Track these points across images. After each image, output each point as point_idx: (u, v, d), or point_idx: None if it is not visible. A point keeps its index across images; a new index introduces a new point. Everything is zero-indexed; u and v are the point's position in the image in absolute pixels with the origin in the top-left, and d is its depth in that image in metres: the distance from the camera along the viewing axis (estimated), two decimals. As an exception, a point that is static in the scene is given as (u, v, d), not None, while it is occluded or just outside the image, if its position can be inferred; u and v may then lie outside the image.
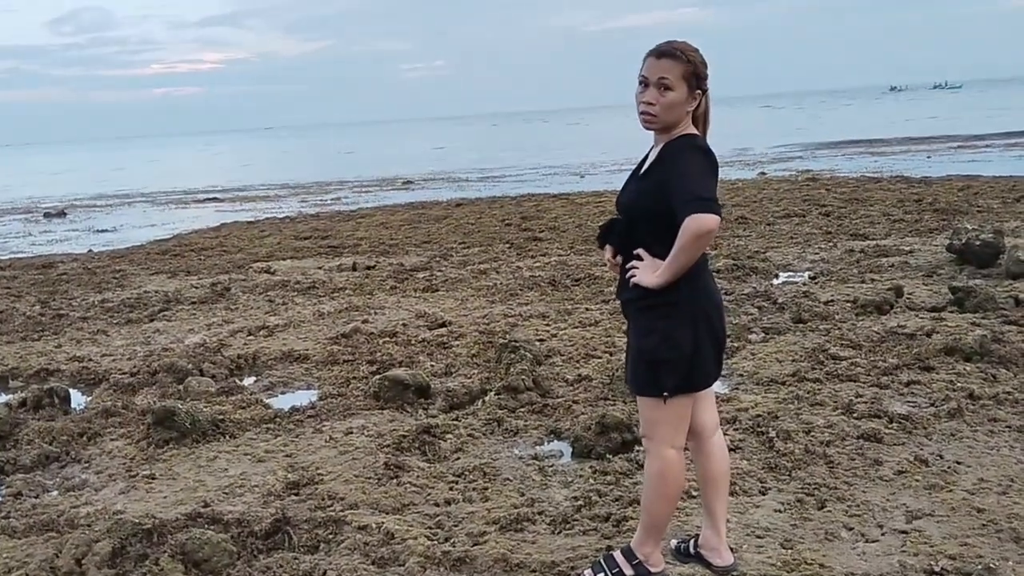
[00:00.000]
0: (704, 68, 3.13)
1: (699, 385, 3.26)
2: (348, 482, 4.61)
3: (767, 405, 5.26)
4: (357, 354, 7.12)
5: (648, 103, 3.10)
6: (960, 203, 13.69)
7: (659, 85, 3.07)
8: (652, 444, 3.30)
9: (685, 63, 3.08)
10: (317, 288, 10.17)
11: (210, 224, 19.35)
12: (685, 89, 3.08)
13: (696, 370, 3.18)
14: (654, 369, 3.15)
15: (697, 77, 3.10)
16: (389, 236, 14.50)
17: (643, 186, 3.19)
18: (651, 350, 3.14)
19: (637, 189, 3.23)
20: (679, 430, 3.27)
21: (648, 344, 3.16)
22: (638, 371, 3.23)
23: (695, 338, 3.13)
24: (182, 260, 13.28)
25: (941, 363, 5.85)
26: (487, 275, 10.31)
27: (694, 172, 3.00)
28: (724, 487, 3.49)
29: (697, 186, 2.96)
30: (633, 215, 3.20)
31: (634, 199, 3.22)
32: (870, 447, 4.57)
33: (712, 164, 3.09)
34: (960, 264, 8.98)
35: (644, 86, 3.12)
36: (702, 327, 3.16)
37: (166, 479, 4.84)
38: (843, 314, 7.33)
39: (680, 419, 3.25)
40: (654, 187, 3.10)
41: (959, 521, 3.73)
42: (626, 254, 3.25)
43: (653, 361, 3.14)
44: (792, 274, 9.47)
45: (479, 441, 5.15)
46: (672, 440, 3.26)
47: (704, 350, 3.18)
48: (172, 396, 6.33)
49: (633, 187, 3.26)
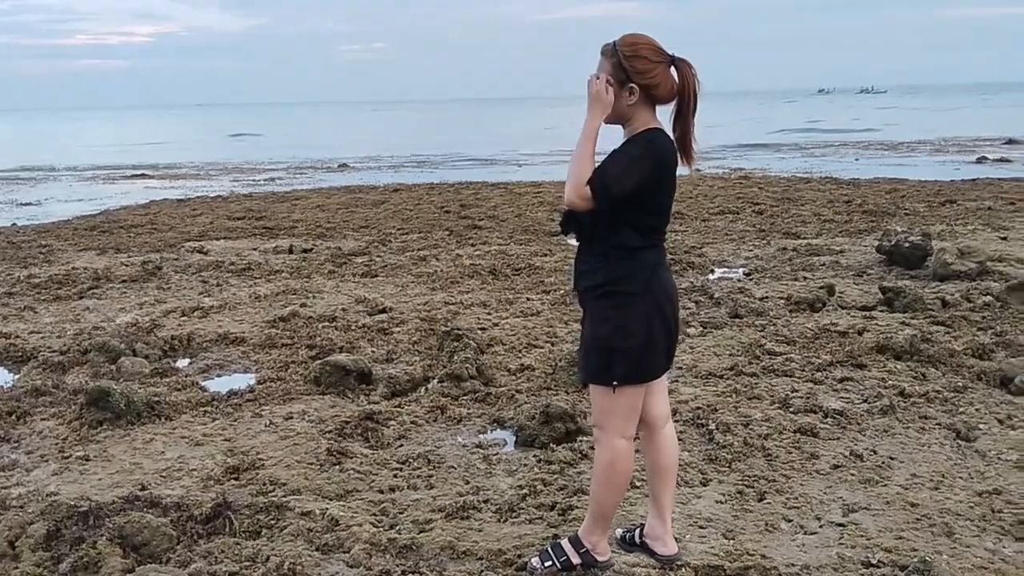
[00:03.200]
0: (638, 61, 3.09)
1: (648, 376, 3.30)
2: (290, 468, 4.56)
3: (706, 398, 5.35)
4: (296, 338, 7.03)
5: None
6: (888, 205, 14.07)
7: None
8: (603, 434, 3.33)
9: (611, 58, 3.12)
10: (253, 270, 10.00)
11: (139, 201, 18.88)
12: (616, 84, 3.11)
13: (646, 361, 3.23)
14: (606, 358, 3.17)
15: (625, 71, 3.09)
16: (326, 219, 14.33)
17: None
18: (604, 338, 3.18)
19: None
20: (630, 420, 3.31)
21: (601, 332, 3.20)
22: (590, 359, 3.26)
23: (648, 329, 3.18)
24: (111, 237, 12.93)
25: (873, 361, 6.02)
26: (427, 262, 10.27)
27: (618, 160, 3.07)
28: (672, 478, 3.55)
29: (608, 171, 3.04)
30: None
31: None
32: (806, 441, 4.68)
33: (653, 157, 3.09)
34: (889, 265, 9.23)
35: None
36: (656, 319, 3.20)
37: (101, 461, 4.72)
38: (777, 311, 7.49)
39: (631, 409, 3.29)
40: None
41: (894, 515, 3.85)
42: (584, 244, 3.29)
43: (605, 349, 3.17)
44: (728, 270, 9.63)
45: (422, 428, 5.14)
46: (623, 430, 3.30)
47: (656, 342, 3.22)
48: (104, 376, 6.18)
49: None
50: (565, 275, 9.25)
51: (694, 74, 3.15)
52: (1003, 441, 4.63)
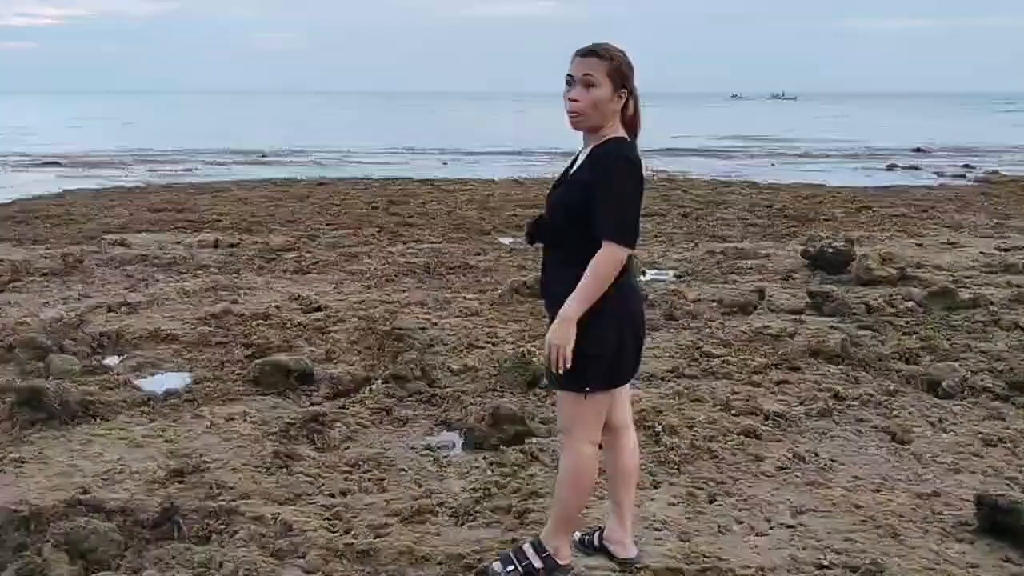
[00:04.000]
0: (629, 69, 3.17)
1: (618, 382, 3.35)
2: (236, 471, 4.46)
3: (650, 400, 5.43)
4: (230, 336, 6.89)
5: (573, 100, 3.15)
6: (808, 211, 14.47)
7: (584, 82, 3.12)
8: (570, 439, 3.35)
9: (609, 61, 3.13)
10: (179, 264, 9.76)
11: (52, 190, 18.19)
12: (610, 87, 3.12)
13: (617, 367, 3.26)
14: (578, 364, 3.13)
15: (621, 75, 3.14)
16: (250, 213, 14.05)
17: (572, 189, 3.23)
18: (576, 347, 3.13)
19: (566, 190, 3.26)
20: (596, 426, 3.34)
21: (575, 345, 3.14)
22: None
23: (620, 336, 3.21)
24: (27, 227, 12.45)
25: (806, 364, 6.19)
26: (359, 259, 10.16)
27: (621, 194, 3.09)
28: (633, 482, 3.60)
29: (615, 209, 3.07)
30: (560, 216, 3.23)
31: (562, 200, 3.24)
32: (750, 443, 4.79)
33: (639, 179, 3.16)
34: (813, 269, 9.49)
35: (570, 84, 3.17)
36: (626, 325, 3.24)
37: (37, 463, 4.55)
38: (711, 313, 7.64)
39: (598, 415, 3.32)
40: (582, 191, 3.14)
41: (841, 517, 3.96)
42: (552, 252, 3.32)
43: (578, 356, 3.12)
44: (659, 272, 9.79)
45: (369, 430, 5.09)
46: (590, 435, 3.33)
47: (627, 347, 3.26)
48: (32, 374, 5.94)
49: (563, 188, 3.30)
50: (501, 275, 9.28)
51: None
52: (937, 444, 4.81)
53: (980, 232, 12.27)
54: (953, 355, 6.36)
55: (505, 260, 10.17)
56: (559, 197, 3.28)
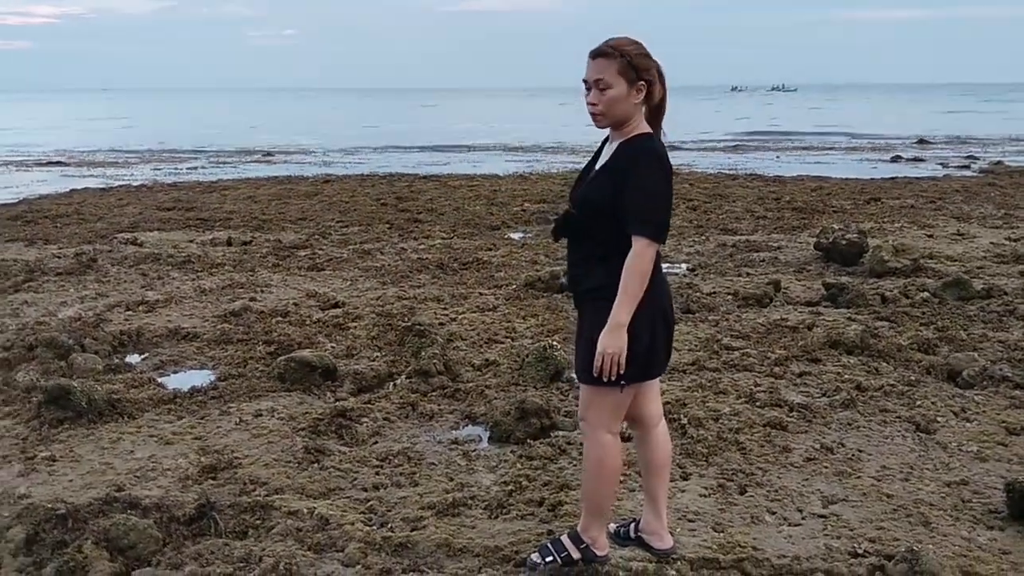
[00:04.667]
0: (643, 59, 3.15)
1: (652, 375, 3.39)
2: (268, 466, 4.50)
3: (674, 393, 5.45)
4: (251, 333, 6.91)
5: (592, 104, 3.18)
6: (816, 203, 14.48)
7: (597, 86, 3.15)
8: (591, 429, 3.37)
9: (618, 58, 3.12)
10: (193, 263, 9.78)
11: (58, 189, 18.24)
12: (624, 84, 3.13)
13: (651, 361, 3.28)
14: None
15: (635, 69, 3.13)
16: (260, 211, 14.07)
17: (599, 183, 3.23)
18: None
19: (593, 185, 3.27)
20: (619, 417, 3.37)
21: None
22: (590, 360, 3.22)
23: (652, 330, 3.22)
24: (37, 227, 12.47)
25: (827, 355, 6.21)
26: (372, 256, 10.19)
27: (651, 188, 3.09)
28: (666, 474, 3.63)
29: (647, 204, 3.08)
30: (587, 210, 3.24)
31: (589, 195, 3.26)
32: (777, 434, 4.82)
33: (667, 173, 3.17)
34: (826, 261, 9.52)
35: (587, 89, 3.20)
36: (659, 319, 3.25)
37: (68, 461, 4.58)
38: (727, 306, 7.67)
39: (622, 407, 3.35)
40: (611, 187, 3.15)
41: (872, 506, 4.00)
42: (580, 247, 3.32)
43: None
44: (671, 265, 9.78)
45: (395, 425, 5.12)
46: (610, 426, 3.36)
47: (659, 341, 3.28)
48: (55, 373, 5.98)
49: (588, 183, 3.31)
50: (514, 270, 9.30)
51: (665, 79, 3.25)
52: (962, 433, 4.84)
53: (989, 223, 12.28)
54: (971, 345, 6.40)
55: (517, 255, 10.20)
56: (585, 192, 3.29)
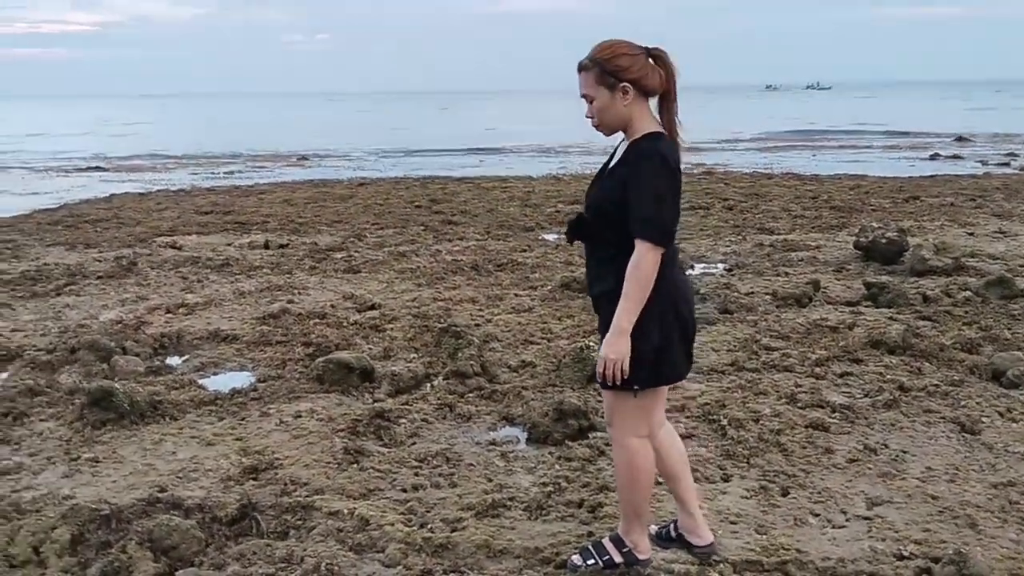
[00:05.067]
0: (619, 60, 3.10)
1: (669, 378, 3.33)
2: (308, 467, 4.52)
3: (713, 394, 5.41)
4: (289, 335, 6.96)
5: (588, 117, 3.21)
6: (854, 201, 14.32)
7: (587, 100, 3.18)
8: (618, 434, 3.34)
9: (593, 69, 3.13)
10: (231, 266, 9.87)
11: (98, 194, 18.49)
12: (606, 92, 3.12)
13: (665, 363, 3.20)
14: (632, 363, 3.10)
15: (611, 74, 3.11)
16: (296, 214, 14.18)
17: (608, 186, 3.21)
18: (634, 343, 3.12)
19: (604, 187, 3.24)
20: (644, 420, 3.32)
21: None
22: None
23: (663, 330, 3.15)
24: (78, 231, 12.65)
25: (868, 355, 6.13)
26: (407, 258, 10.22)
27: (652, 190, 3.04)
28: (685, 476, 3.56)
29: (649, 207, 3.03)
30: (597, 213, 3.22)
31: (600, 198, 3.23)
32: (819, 435, 4.76)
33: (671, 174, 3.10)
34: (866, 260, 9.41)
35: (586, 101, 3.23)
36: (670, 319, 3.17)
37: (111, 462, 4.64)
38: (766, 306, 7.59)
39: (645, 411, 3.30)
40: (619, 189, 3.12)
41: (917, 508, 3.94)
42: (594, 250, 3.30)
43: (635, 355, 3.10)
44: (708, 265, 9.73)
45: (433, 426, 5.13)
46: (636, 430, 3.31)
47: (672, 342, 3.20)
48: (97, 375, 6.06)
49: (600, 185, 3.29)
50: (549, 271, 9.29)
51: (671, 61, 3.20)
52: (1008, 434, 4.76)
53: (1032, 220, 12.07)
54: (1015, 344, 6.29)
55: (552, 256, 10.18)
56: (596, 195, 3.28)
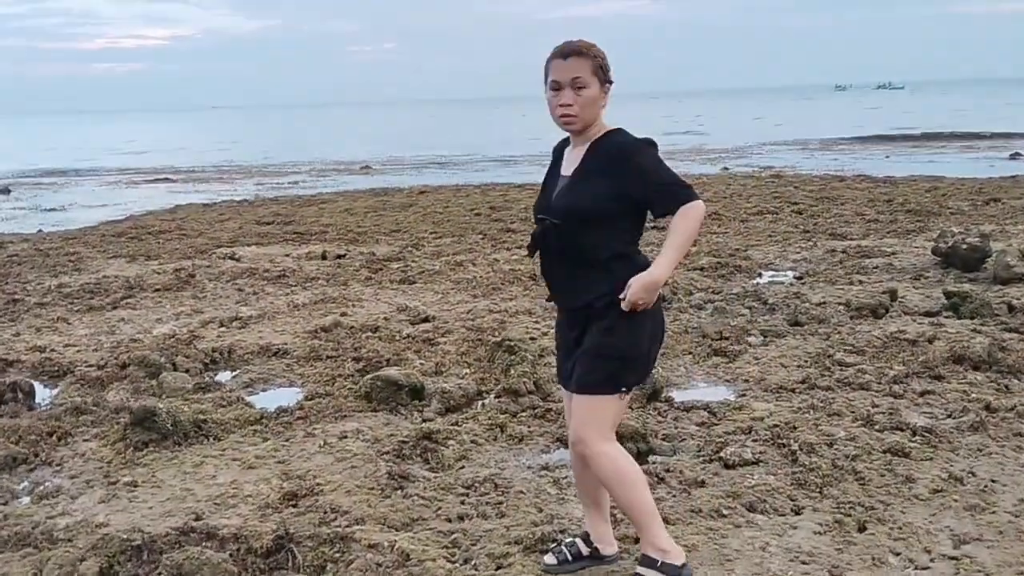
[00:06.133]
0: (606, 60, 3.14)
1: (642, 382, 3.43)
2: (350, 493, 4.30)
3: (782, 415, 5.06)
4: (340, 349, 6.78)
5: (566, 105, 3.08)
6: (931, 204, 13.71)
7: (573, 85, 3.06)
8: (594, 444, 3.19)
9: (592, 59, 3.08)
10: (288, 277, 9.77)
11: (164, 205, 18.75)
12: (597, 84, 3.10)
13: (645, 367, 3.23)
14: (615, 366, 3.10)
15: (604, 70, 3.12)
16: (356, 223, 14.09)
17: (585, 188, 3.09)
18: (616, 347, 3.09)
19: (577, 192, 3.11)
20: (614, 427, 3.28)
21: (611, 341, 3.09)
22: (596, 369, 3.13)
23: (651, 334, 3.17)
24: (140, 243, 12.74)
25: (950, 372, 5.71)
26: (464, 267, 10.00)
27: (660, 164, 3.06)
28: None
29: (672, 175, 3.05)
30: (576, 219, 3.09)
31: (576, 203, 3.10)
32: (899, 462, 4.38)
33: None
34: (945, 267, 8.90)
35: (556, 90, 3.09)
36: (654, 324, 3.19)
37: (150, 487, 4.48)
38: (839, 317, 7.18)
39: (619, 414, 3.29)
40: (606, 188, 3.04)
41: (1010, 546, 3.55)
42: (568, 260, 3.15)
43: (617, 358, 3.10)
44: (776, 273, 9.33)
45: (483, 448, 4.87)
46: (608, 435, 3.23)
47: (654, 347, 3.23)
48: (146, 392, 5.96)
49: (574, 189, 3.13)
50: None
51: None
52: (1112, 462, 4.32)
53: (1125, 223, 11.38)
54: (1115, 358, 5.80)
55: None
56: (570, 201, 3.12)
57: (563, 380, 3.32)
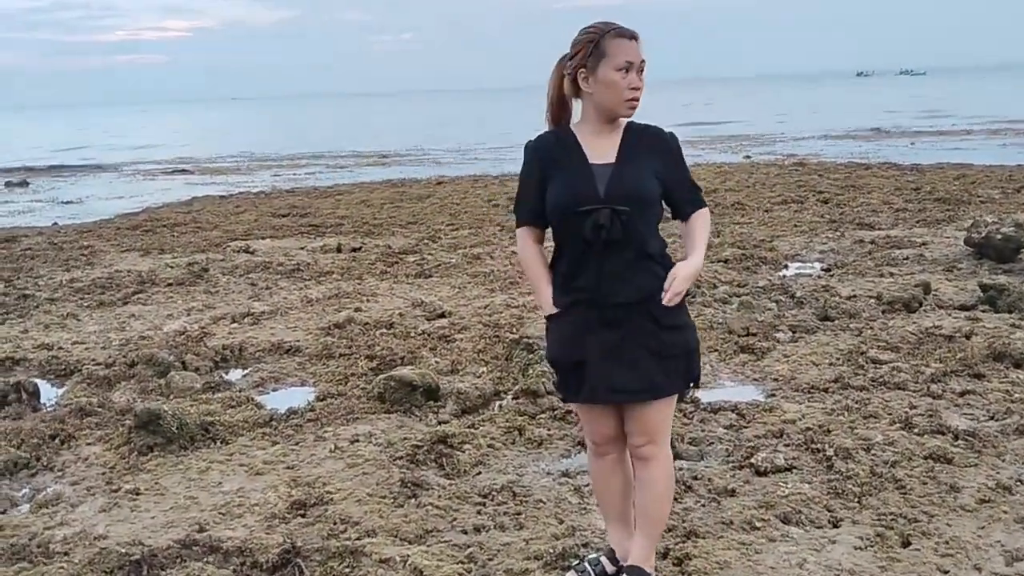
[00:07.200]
0: None
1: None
2: (361, 502, 4.09)
3: (815, 417, 4.81)
4: (354, 347, 6.58)
5: (638, 88, 2.91)
6: (960, 193, 13.33)
7: (641, 68, 2.92)
8: (660, 448, 3.08)
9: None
10: (302, 271, 9.59)
11: (181, 197, 18.62)
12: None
13: None
14: (688, 362, 3.01)
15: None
16: (372, 215, 13.90)
17: (647, 171, 2.93)
18: (686, 341, 2.99)
19: (642, 174, 2.92)
20: None
21: (682, 338, 2.98)
22: (670, 370, 2.95)
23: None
24: (154, 237, 12.59)
25: (991, 370, 5.44)
26: (481, 260, 9.78)
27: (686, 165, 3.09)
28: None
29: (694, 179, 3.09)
30: (648, 201, 2.92)
31: (649, 183, 2.92)
32: (941, 469, 4.13)
33: None
34: (979, 258, 8.59)
35: (626, 71, 2.88)
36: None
37: (152, 495, 4.29)
38: (870, 311, 6.90)
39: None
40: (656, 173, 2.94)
41: (1069, 565, 3.30)
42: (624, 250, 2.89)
43: (687, 353, 3.00)
44: (802, 265, 9.05)
45: (501, 453, 4.65)
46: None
47: None
48: (153, 392, 5.79)
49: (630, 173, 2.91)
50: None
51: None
52: None
53: None
54: None
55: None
56: (634, 185, 2.89)
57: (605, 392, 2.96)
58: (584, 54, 2.90)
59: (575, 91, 2.99)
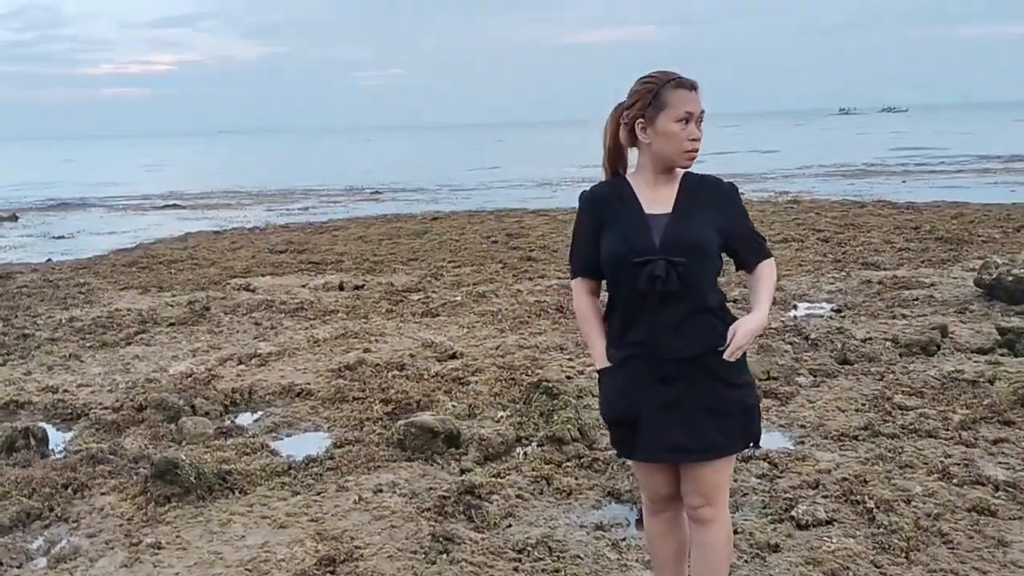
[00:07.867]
0: None
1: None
2: (392, 558, 3.96)
3: (850, 466, 4.72)
4: (367, 390, 6.45)
5: (697, 139, 2.85)
6: (960, 232, 13.36)
7: (700, 119, 2.86)
8: (719, 510, 2.98)
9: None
10: (306, 309, 9.46)
11: (173, 232, 18.49)
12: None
13: None
14: (749, 420, 2.92)
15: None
16: (371, 251, 13.80)
17: (707, 222, 2.85)
18: (746, 398, 2.91)
19: (701, 225, 2.84)
20: None
21: (740, 395, 2.89)
22: (729, 429, 2.87)
23: None
24: (151, 273, 12.43)
25: (1020, 416, 5.37)
26: (487, 299, 9.68)
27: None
28: None
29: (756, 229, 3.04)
30: (706, 252, 2.84)
31: (709, 234, 2.84)
32: (986, 522, 4.04)
33: None
34: (989, 299, 8.56)
35: (686, 122, 2.82)
36: None
37: (175, 549, 4.14)
38: (888, 355, 6.83)
39: None
40: (715, 224, 2.85)
41: None
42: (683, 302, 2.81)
43: (747, 411, 2.91)
44: (811, 305, 8.99)
45: (530, 504, 4.53)
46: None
47: None
48: (164, 438, 5.64)
49: (689, 224, 2.83)
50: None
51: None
52: None
53: None
54: None
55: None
56: (694, 235, 2.81)
57: (660, 450, 2.89)
58: (643, 104, 2.84)
59: (631, 140, 2.92)
